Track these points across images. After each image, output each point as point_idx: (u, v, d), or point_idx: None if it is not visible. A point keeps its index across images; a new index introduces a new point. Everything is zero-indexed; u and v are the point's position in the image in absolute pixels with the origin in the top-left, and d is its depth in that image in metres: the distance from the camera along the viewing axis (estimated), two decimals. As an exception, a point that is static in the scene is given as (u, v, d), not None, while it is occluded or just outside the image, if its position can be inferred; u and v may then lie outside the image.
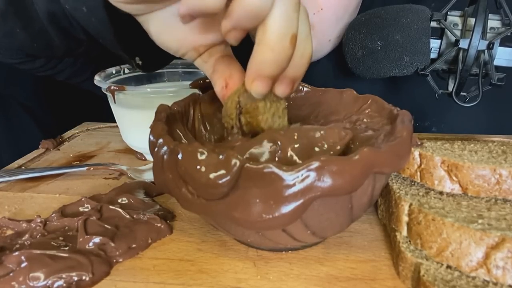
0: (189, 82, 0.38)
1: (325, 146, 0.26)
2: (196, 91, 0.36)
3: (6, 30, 0.34)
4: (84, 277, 0.24)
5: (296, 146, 0.25)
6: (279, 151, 0.25)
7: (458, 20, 0.40)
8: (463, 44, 0.38)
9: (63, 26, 0.33)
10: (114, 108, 0.42)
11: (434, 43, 0.41)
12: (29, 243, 0.27)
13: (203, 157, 0.22)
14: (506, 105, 0.54)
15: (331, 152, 0.25)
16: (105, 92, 0.40)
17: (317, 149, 0.25)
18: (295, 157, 0.25)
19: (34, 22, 0.33)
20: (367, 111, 0.32)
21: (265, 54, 0.23)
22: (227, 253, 0.27)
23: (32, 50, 0.37)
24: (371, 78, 0.44)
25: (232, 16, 0.22)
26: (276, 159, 0.25)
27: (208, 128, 0.33)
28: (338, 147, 0.26)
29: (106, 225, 0.28)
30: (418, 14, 0.40)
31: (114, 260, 0.26)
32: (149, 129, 0.26)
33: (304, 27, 0.24)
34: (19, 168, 0.40)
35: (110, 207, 0.30)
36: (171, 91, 0.39)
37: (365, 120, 0.32)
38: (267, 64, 0.23)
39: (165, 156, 0.24)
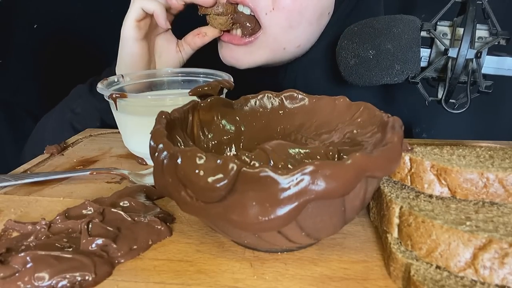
0: (188, 90, 0.38)
1: None
2: (195, 98, 0.36)
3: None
4: (87, 277, 0.24)
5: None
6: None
7: (447, 30, 0.41)
8: (452, 53, 0.39)
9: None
10: (116, 115, 0.42)
11: (424, 52, 0.42)
12: (34, 244, 0.27)
13: (202, 161, 0.22)
14: (493, 112, 0.54)
15: None
16: (107, 99, 0.40)
17: None
18: None
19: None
20: (359, 120, 0.32)
21: None
22: (224, 254, 0.27)
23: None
24: (364, 85, 0.44)
25: None
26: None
27: (207, 133, 0.34)
28: None
29: (108, 227, 0.28)
30: (409, 24, 0.41)
31: (116, 261, 0.26)
32: (150, 135, 0.27)
33: None
34: (24, 172, 0.40)
35: (112, 210, 0.30)
36: (171, 99, 0.39)
37: (355, 131, 0.32)
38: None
39: (165, 161, 0.24)
